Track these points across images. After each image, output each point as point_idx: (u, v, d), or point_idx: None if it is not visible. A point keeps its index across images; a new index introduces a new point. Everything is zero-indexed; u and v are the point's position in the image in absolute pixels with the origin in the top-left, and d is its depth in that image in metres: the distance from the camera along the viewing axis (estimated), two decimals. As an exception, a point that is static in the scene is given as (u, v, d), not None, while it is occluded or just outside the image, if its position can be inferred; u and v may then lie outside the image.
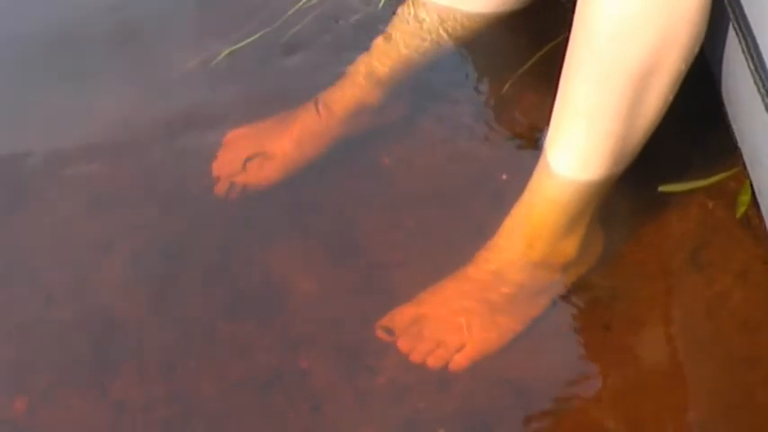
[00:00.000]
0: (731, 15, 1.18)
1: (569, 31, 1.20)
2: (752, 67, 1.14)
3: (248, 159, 1.44)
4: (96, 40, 1.64)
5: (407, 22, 1.47)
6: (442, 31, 1.47)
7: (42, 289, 1.37)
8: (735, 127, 1.28)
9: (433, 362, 1.27)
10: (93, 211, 1.44)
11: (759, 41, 1.13)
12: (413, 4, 1.48)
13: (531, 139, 1.45)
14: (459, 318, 1.28)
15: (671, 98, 1.20)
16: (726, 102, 1.28)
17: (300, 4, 1.64)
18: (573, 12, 1.19)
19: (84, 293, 1.36)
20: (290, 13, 1.63)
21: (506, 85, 1.50)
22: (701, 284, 1.32)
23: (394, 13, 1.49)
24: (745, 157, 1.27)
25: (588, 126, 1.20)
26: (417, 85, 1.49)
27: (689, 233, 1.35)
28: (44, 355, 1.31)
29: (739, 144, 1.28)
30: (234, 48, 1.60)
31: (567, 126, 1.22)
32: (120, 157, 1.49)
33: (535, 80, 1.49)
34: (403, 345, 1.28)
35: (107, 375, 1.28)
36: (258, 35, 1.61)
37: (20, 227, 1.44)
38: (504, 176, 1.42)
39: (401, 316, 1.29)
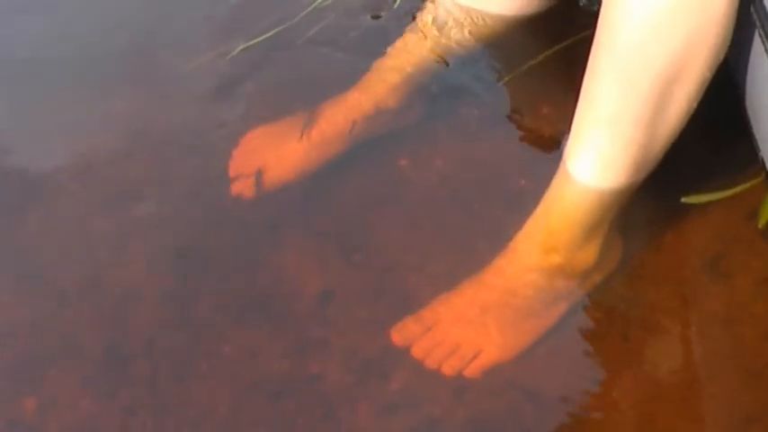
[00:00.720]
0: (757, 23, 1.17)
1: (588, 30, 1.19)
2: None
3: (264, 160, 1.43)
4: (110, 40, 1.63)
5: (426, 23, 1.46)
6: (461, 33, 1.46)
7: (55, 289, 1.36)
8: (758, 136, 1.26)
9: (447, 369, 1.25)
10: (106, 210, 1.43)
11: (786, 51, 1.12)
12: (431, 4, 1.47)
13: (551, 144, 1.43)
14: (475, 324, 1.26)
15: (694, 105, 1.19)
16: (749, 111, 1.26)
17: (317, 3, 1.63)
18: (593, 14, 1.18)
19: (96, 294, 1.35)
20: (306, 11, 1.62)
21: (526, 90, 1.49)
22: (721, 294, 1.30)
23: (412, 13, 1.49)
24: (768, 167, 1.26)
25: (610, 133, 1.19)
26: (436, 88, 1.48)
27: (709, 242, 1.34)
28: (55, 356, 1.30)
29: (762, 154, 1.26)
30: (249, 43, 1.59)
31: (588, 133, 1.21)
32: (134, 156, 1.48)
33: (556, 87, 1.48)
34: (417, 351, 1.26)
35: (118, 377, 1.27)
36: (274, 32, 1.60)
37: (33, 226, 1.43)
38: (523, 181, 1.41)
39: (416, 322, 1.28)
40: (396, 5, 1.60)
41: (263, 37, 1.60)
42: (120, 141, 1.50)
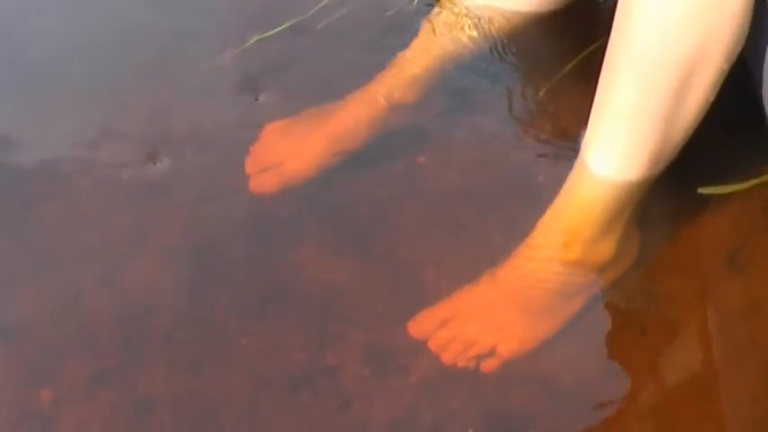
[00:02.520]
0: (774, 14, 1.17)
1: (607, 35, 1.19)
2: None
3: (282, 154, 1.43)
4: (126, 39, 1.64)
5: (444, 19, 1.46)
6: (479, 30, 1.46)
7: (72, 283, 1.35)
8: (775, 128, 1.26)
9: (464, 362, 1.25)
10: (122, 205, 1.43)
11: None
12: (451, 1, 1.47)
13: (568, 141, 1.42)
14: (492, 318, 1.26)
15: (712, 98, 1.18)
16: (766, 104, 1.26)
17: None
18: (611, 14, 1.18)
19: (113, 288, 1.34)
20: (323, 3, 1.62)
21: (544, 87, 1.48)
22: (740, 288, 1.30)
23: (430, 9, 1.49)
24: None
25: (628, 126, 1.19)
26: (454, 84, 1.48)
27: (727, 236, 1.33)
28: (72, 349, 1.30)
29: (780, 147, 1.27)
30: (264, 35, 1.59)
31: (605, 126, 1.21)
32: (151, 151, 1.48)
33: (573, 82, 1.47)
34: (434, 345, 1.26)
35: (135, 370, 1.27)
36: (290, 24, 1.60)
37: (50, 220, 1.42)
38: (541, 177, 1.40)
39: (433, 315, 1.28)
40: (416, 2, 1.60)
41: (279, 29, 1.59)
42: (138, 137, 1.50)
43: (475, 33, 1.46)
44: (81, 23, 1.67)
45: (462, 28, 1.46)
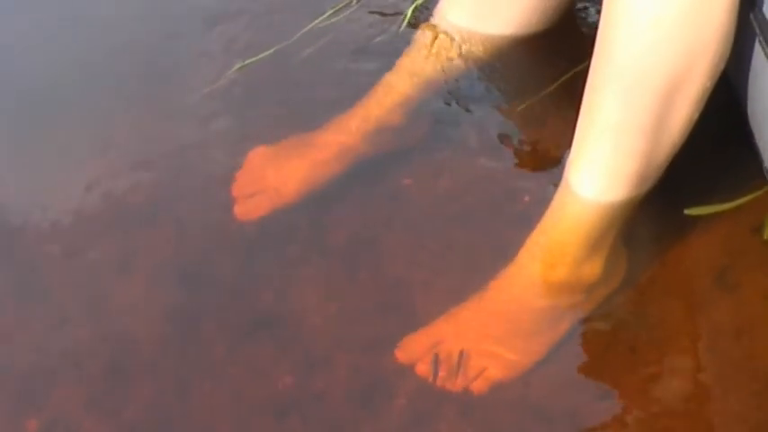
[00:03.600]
0: (757, 31, 1.16)
1: (590, 57, 1.18)
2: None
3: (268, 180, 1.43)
4: (105, 64, 1.64)
5: (429, 43, 1.46)
6: (463, 53, 1.46)
7: (57, 309, 1.35)
8: (761, 146, 1.25)
9: (453, 386, 1.24)
10: (108, 231, 1.43)
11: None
12: (434, 25, 1.47)
13: (555, 161, 1.42)
14: (481, 341, 1.25)
15: (696, 115, 1.18)
16: (751, 121, 1.26)
17: (316, 21, 1.63)
18: (594, 37, 1.18)
19: (99, 314, 1.34)
20: (305, 29, 1.62)
21: (529, 109, 1.48)
22: (729, 307, 1.29)
23: (414, 34, 1.49)
24: (772, 179, 1.25)
25: (612, 144, 1.18)
26: (439, 107, 1.48)
27: (715, 255, 1.33)
28: (57, 377, 1.29)
29: (766, 164, 1.25)
30: (246, 62, 1.59)
31: (589, 144, 1.20)
32: (136, 177, 1.48)
33: (557, 103, 1.47)
34: (422, 369, 1.25)
35: (121, 397, 1.26)
36: (273, 50, 1.60)
37: (34, 246, 1.43)
38: (527, 198, 1.40)
39: (420, 339, 1.27)
40: (401, 28, 1.60)
41: (262, 55, 1.59)
42: (123, 163, 1.50)
43: (459, 56, 1.46)
44: (68, 51, 1.68)
45: (446, 51, 1.46)
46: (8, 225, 1.45)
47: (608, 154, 1.19)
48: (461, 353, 1.24)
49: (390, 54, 1.50)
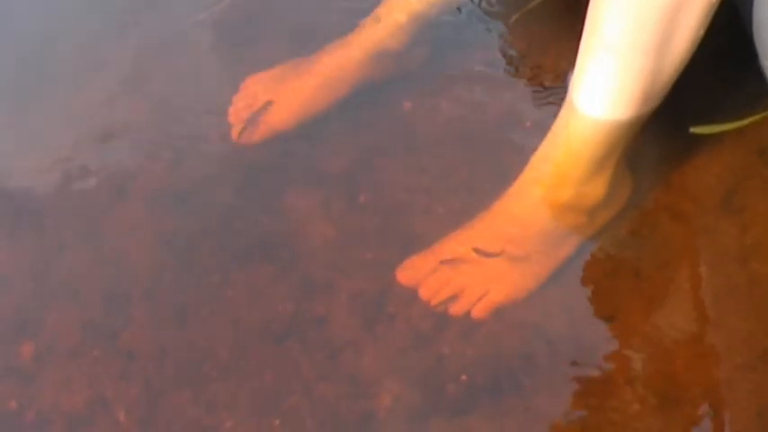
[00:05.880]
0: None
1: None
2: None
3: (265, 104, 1.41)
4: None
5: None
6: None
7: (54, 236, 1.34)
8: (766, 67, 1.23)
9: (455, 309, 1.23)
10: (104, 159, 1.41)
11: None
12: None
13: (557, 84, 1.40)
14: (483, 263, 1.24)
15: (701, 33, 1.16)
16: (756, 41, 1.24)
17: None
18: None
19: (95, 238, 1.33)
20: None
21: (527, 21, 1.45)
22: (735, 230, 1.27)
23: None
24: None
25: (617, 63, 1.16)
26: (439, 30, 1.45)
27: (720, 177, 1.31)
28: (54, 302, 1.28)
29: (772, 84, 1.24)
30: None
31: (594, 63, 1.18)
32: (133, 103, 1.46)
33: (561, 22, 1.45)
34: (424, 291, 1.24)
35: (118, 322, 1.25)
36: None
37: (30, 174, 1.41)
38: (528, 123, 1.38)
39: (422, 261, 1.26)
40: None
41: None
42: (118, 91, 1.48)
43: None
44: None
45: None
46: (3, 153, 1.45)
47: (612, 73, 1.17)
48: (465, 275, 1.23)
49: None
